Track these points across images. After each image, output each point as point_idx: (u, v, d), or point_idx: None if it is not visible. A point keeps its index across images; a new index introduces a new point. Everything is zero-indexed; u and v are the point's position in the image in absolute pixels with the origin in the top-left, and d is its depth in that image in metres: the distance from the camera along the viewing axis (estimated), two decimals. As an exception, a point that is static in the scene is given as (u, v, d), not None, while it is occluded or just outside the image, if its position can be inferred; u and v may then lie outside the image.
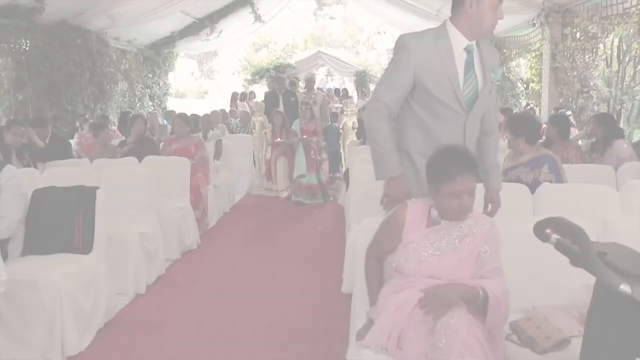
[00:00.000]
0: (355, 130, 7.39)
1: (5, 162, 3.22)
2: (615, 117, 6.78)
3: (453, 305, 1.72)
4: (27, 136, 4.88)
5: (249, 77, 17.63)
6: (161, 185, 4.23)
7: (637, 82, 7.99)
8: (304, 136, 6.96)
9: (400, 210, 2.04)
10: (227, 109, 11.20)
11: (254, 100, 11.04)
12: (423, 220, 1.98)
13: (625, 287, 1.14)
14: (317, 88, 11.56)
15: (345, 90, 16.10)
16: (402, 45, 2.23)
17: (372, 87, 17.99)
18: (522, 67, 11.16)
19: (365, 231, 2.26)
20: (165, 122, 8.67)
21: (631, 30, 6.23)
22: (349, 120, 7.29)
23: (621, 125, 7.23)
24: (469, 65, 2.24)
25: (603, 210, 2.73)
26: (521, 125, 3.41)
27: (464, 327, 1.70)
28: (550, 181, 3.22)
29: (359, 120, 7.41)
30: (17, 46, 7.61)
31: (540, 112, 8.43)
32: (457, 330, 1.68)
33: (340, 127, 7.50)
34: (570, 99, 7.77)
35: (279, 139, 7.06)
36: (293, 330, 3.13)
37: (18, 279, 2.72)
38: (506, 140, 3.58)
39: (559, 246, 1.33)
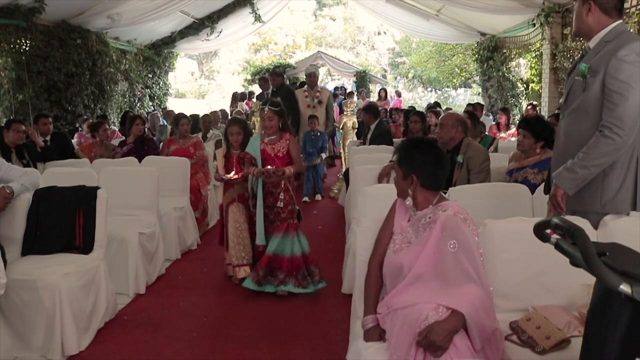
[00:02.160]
0: (355, 130, 7.35)
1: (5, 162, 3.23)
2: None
3: (449, 343, 1.72)
4: (27, 133, 4.88)
5: (249, 77, 17.68)
6: (161, 185, 4.23)
7: (637, 82, 7.98)
8: (269, 167, 3.65)
9: (394, 202, 2.17)
10: (228, 110, 11.23)
11: (254, 100, 11.04)
12: (408, 212, 2.10)
13: (625, 287, 1.14)
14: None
15: (336, 89, 15.68)
16: None
17: (372, 87, 17.99)
18: (522, 67, 11.17)
19: (365, 231, 2.26)
20: (165, 122, 8.67)
21: (631, 31, 6.22)
22: (349, 121, 7.24)
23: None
24: (574, 68, 2.35)
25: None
26: (544, 130, 3.47)
27: None
28: None
29: (359, 121, 7.41)
30: (17, 46, 7.62)
31: (540, 112, 8.44)
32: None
33: (341, 127, 7.42)
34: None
35: (234, 174, 3.84)
36: (293, 331, 3.13)
37: (18, 279, 2.73)
38: (512, 139, 3.59)
39: (559, 246, 1.33)
